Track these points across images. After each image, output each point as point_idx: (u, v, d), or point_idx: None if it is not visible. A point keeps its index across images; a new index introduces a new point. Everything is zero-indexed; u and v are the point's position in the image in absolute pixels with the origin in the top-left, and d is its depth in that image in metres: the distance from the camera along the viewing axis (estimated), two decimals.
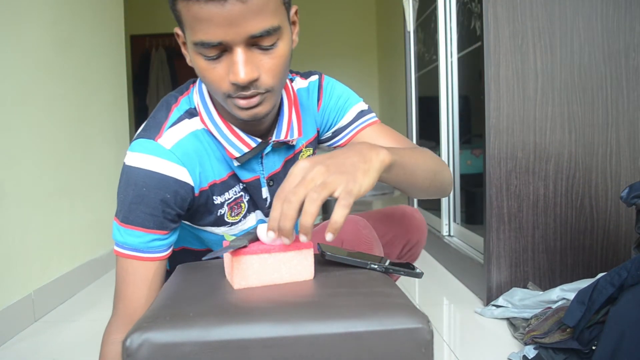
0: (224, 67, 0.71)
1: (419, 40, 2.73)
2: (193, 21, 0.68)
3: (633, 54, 1.58)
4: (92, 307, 1.82)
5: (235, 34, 0.67)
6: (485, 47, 1.58)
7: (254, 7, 0.67)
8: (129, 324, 0.77)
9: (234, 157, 0.83)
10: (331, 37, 6.78)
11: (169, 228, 0.81)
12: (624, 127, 1.60)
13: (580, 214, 1.62)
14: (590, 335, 1.10)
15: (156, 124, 0.81)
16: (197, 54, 0.71)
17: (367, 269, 0.74)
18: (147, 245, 0.79)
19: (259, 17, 0.68)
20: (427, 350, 0.56)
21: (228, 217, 0.90)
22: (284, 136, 0.85)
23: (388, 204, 4.78)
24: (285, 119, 0.86)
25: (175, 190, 0.79)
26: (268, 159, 0.88)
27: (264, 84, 0.73)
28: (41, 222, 1.79)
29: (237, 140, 0.82)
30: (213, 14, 0.66)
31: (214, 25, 0.67)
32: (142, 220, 0.78)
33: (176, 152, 0.79)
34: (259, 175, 0.88)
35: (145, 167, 0.77)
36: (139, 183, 0.77)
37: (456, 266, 2.02)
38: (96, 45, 2.29)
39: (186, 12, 0.68)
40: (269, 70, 0.72)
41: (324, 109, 0.95)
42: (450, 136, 2.26)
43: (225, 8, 0.65)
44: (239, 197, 0.89)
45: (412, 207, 1.11)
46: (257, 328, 0.55)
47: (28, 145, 1.72)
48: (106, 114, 2.35)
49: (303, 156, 0.93)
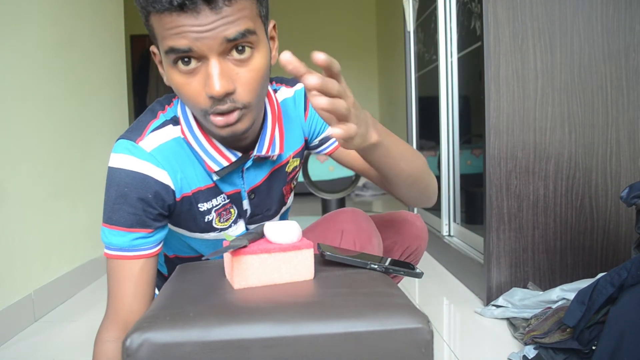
0: (199, 81, 0.70)
1: (419, 40, 2.73)
2: (165, 32, 0.67)
3: (633, 54, 1.58)
4: (92, 307, 1.82)
5: (208, 42, 0.67)
6: (485, 47, 1.58)
7: (227, 15, 0.66)
8: (117, 323, 0.79)
9: (213, 170, 0.82)
10: (331, 37, 6.77)
11: (153, 226, 0.81)
12: (624, 127, 1.60)
13: (580, 214, 1.62)
14: (590, 335, 1.10)
15: (139, 127, 0.81)
16: (172, 68, 0.70)
17: (367, 269, 0.74)
18: (130, 244, 0.79)
19: (233, 23, 0.67)
20: (427, 350, 0.56)
21: (217, 223, 0.89)
22: (265, 151, 0.84)
23: (387, 205, 4.77)
24: (268, 134, 0.84)
25: (155, 191, 0.79)
26: (249, 172, 0.87)
27: (241, 98, 0.71)
28: (41, 222, 1.79)
29: (217, 153, 0.82)
30: (184, 24, 0.66)
31: (187, 34, 0.66)
32: (125, 219, 0.78)
33: (156, 156, 0.79)
34: (239, 189, 0.88)
35: (126, 168, 0.78)
36: (121, 183, 0.78)
37: (456, 266, 2.02)
38: (96, 45, 2.29)
39: (158, 24, 0.68)
40: (245, 84, 0.71)
41: (311, 118, 0.94)
42: (450, 136, 2.26)
43: (197, 20, 0.65)
44: (227, 204, 0.88)
45: (414, 213, 1.10)
46: (257, 328, 0.55)
47: (28, 145, 1.72)
48: (106, 114, 2.35)
49: (290, 167, 0.93)
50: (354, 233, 0.91)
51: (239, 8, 0.67)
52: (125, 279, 0.80)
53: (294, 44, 6.88)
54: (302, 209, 4.21)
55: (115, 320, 0.79)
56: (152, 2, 0.66)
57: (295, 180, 0.98)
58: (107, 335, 0.78)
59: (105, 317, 0.81)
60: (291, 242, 0.68)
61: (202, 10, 0.65)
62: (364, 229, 0.92)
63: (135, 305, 0.80)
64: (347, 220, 0.94)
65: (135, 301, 0.80)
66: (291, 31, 6.69)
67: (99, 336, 0.79)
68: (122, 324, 0.79)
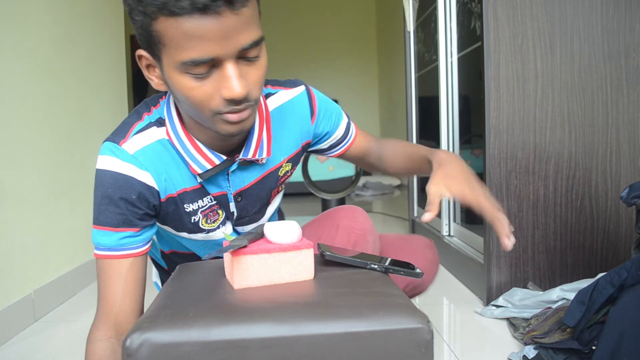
0: (212, 83, 0.68)
1: (419, 40, 2.73)
2: (183, 39, 0.64)
3: (633, 54, 1.58)
4: (92, 307, 1.81)
5: (228, 47, 0.65)
6: (485, 47, 1.58)
7: (245, 18, 0.66)
8: (107, 322, 0.80)
9: (197, 173, 0.82)
10: (331, 37, 6.77)
11: (140, 225, 0.81)
12: (624, 127, 1.60)
13: (580, 214, 1.62)
14: (590, 335, 1.10)
15: (124, 129, 0.82)
16: (182, 73, 0.68)
17: (367, 268, 0.74)
18: (118, 243, 0.80)
19: (249, 28, 0.67)
20: (427, 350, 0.56)
21: (203, 224, 0.89)
22: (251, 155, 0.84)
23: (388, 205, 4.76)
24: (255, 137, 0.84)
25: (139, 192, 0.80)
26: (235, 175, 0.86)
27: (253, 96, 0.72)
28: (41, 222, 1.79)
29: (200, 156, 0.82)
30: (208, 28, 0.63)
31: (207, 41, 0.64)
32: (111, 220, 0.79)
33: (139, 158, 0.80)
34: (226, 191, 0.88)
35: (110, 169, 0.79)
36: (105, 184, 0.79)
37: (456, 266, 2.02)
38: (96, 45, 2.29)
39: (173, 30, 0.64)
40: (255, 82, 0.72)
41: (319, 121, 0.95)
42: (450, 136, 2.26)
43: (220, 22, 0.63)
44: (214, 205, 0.88)
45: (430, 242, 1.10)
46: (257, 328, 0.55)
47: (28, 145, 1.72)
48: (106, 113, 2.35)
49: (282, 171, 0.93)
50: (349, 229, 0.92)
51: (251, 13, 0.67)
52: (114, 278, 0.80)
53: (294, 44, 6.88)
54: (302, 209, 4.21)
55: (105, 319, 0.80)
56: (164, 5, 0.62)
57: (284, 184, 0.98)
58: (97, 334, 0.79)
59: (96, 317, 0.82)
60: (291, 242, 0.68)
61: (224, 12, 0.63)
62: (360, 225, 0.93)
63: (125, 304, 0.80)
64: (344, 216, 0.95)
65: (124, 300, 0.80)
66: (292, 31, 6.69)
67: (90, 335, 0.80)
68: (112, 323, 0.79)
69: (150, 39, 0.68)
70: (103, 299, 0.81)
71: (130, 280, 0.81)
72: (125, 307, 0.80)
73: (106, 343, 0.78)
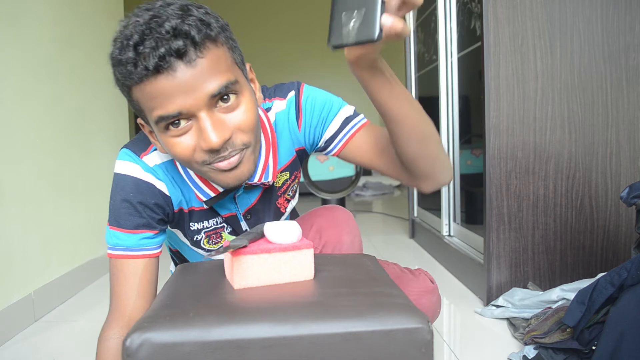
0: (192, 137, 0.70)
1: (419, 40, 2.73)
2: (149, 101, 0.68)
3: (633, 54, 1.58)
4: (92, 307, 1.82)
5: (193, 99, 0.67)
6: (485, 47, 1.58)
7: (206, 67, 0.66)
8: (120, 320, 0.81)
9: (202, 200, 0.85)
10: None
11: (157, 228, 0.84)
12: (624, 127, 1.60)
13: (580, 214, 1.62)
14: (590, 335, 1.10)
15: (145, 143, 0.84)
16: (164, 131, 0.71)
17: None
18: (137, 243, 0.82)
19: (214, 75, 0.67)
20: (427, 350, 0.56)
21: (205, 244, 0.92)
22: (257, 180, 0.85)
23: (388, 205, 4.74)
24: (262, 163, 0.85)
25: (158, 199, 0.83)
26: (241, 197, 0.89)
27: (238, 141, 0.72)
28: (41, 222, 1.79)
29: (204, 185, 0.84)
30: (165, 86, 0.66)
31: (169, 97, 0.66)
32: (131, 222, 0.81)
33: (157, 171, 0.83)
34: (235, 212, 0.90)
35: (131, 175, 0.81)
36: (127, 189, 0.81)
37: (456, 266, 2.02)
38: (96, 45, 2.28)
39: (141, 95, 0.68)
40: (238, 128, 0.72)
41: (305, 128, 0.90)
42: (450, 136, 2.26)
43: (175, 77, 0.65)
44: (219, 228, 0.91)
45: (432, 288, 1.07)
46: (257, 328, 0.55)
47: (28, 145, 1.72)
48: (106, 113, 2.35)
49: (279, 182, 0.93)
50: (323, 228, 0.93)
51: (213, 60, 0.67)
52: (129, 277, 0.82)
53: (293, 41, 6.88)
54: (302, 209, 4.21)
55: (119, 318, 0.81)
56: (128, 76, 0.67)
57: (291, 191, 0.98)
58: (110, 333, 0.80)
59: (108, 316, 0.83)
60: (291, 242, 0.68)
61: (177, 67, 0.65)
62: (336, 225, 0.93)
63: (138, 304, 0.81)
64: (321, 215, 0.96)
65: (138, 300, 0.81)
66: (291, 28, 6.69)
67: (102, 334, 0.81)
68: (127, 322, 0.80)
69: (136, 107, 0.72)
70: (117, 299, 0.82)
71: (144, 280, 0.83)
72: (139, 307, 0.82)
73: (118, 342, 0.79)
